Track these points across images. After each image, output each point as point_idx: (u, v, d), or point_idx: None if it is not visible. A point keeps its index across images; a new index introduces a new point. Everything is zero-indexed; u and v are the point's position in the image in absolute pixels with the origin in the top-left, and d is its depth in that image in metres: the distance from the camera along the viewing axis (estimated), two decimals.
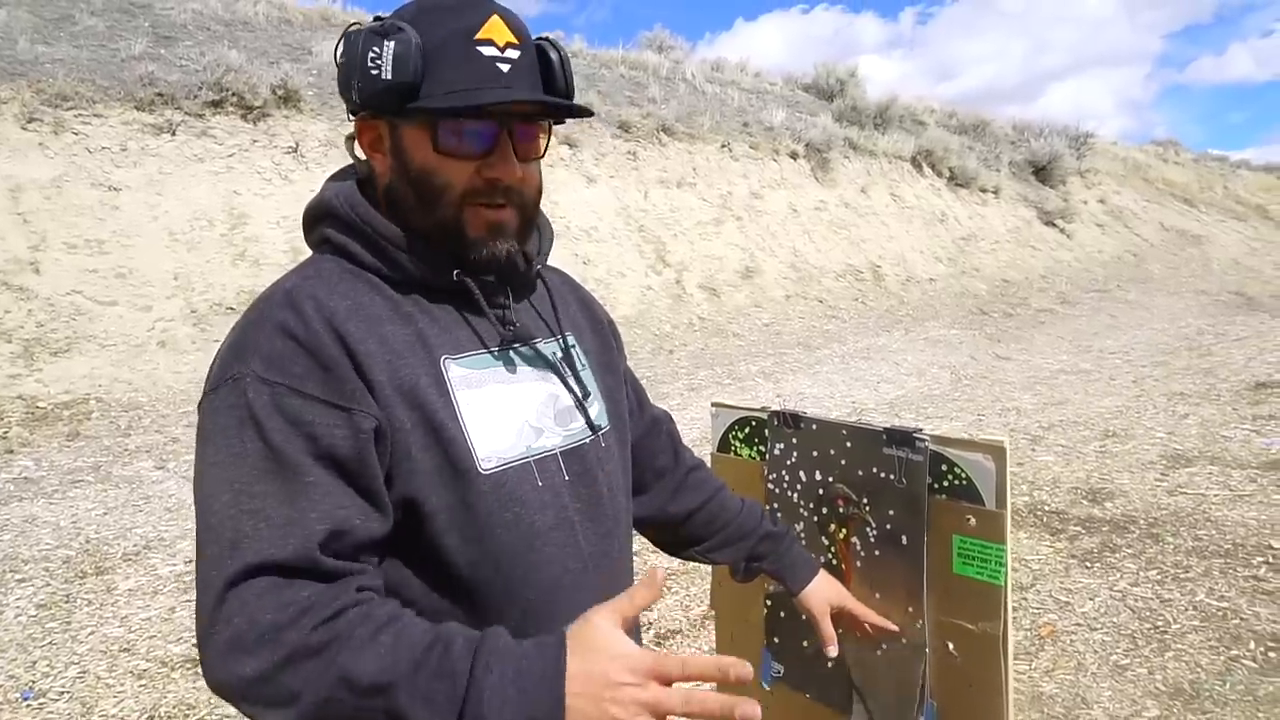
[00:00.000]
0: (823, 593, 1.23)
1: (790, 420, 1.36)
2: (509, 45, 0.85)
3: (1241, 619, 2.93)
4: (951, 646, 1.18)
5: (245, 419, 0.77)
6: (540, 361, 0.95)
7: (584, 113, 0.91)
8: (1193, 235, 17.41)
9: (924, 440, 1.18)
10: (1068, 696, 2.55)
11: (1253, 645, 2.75)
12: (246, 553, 0.72)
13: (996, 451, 1.11)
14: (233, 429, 0.77)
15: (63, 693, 2.60)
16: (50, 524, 3.82)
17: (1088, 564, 3.45)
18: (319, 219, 0.93)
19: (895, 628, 1.23)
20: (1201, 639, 2.82)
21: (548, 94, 0.90)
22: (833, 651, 1.21)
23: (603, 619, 0.71)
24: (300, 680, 0.69)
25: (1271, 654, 2.69)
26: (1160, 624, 2.94)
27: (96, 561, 3.47)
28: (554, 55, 0.90)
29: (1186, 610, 3.02)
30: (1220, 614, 2.97)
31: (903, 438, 1.21)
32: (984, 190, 14.36)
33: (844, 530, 1.30)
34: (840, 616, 1.23)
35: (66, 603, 3.13)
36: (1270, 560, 3.35)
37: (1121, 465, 4.65)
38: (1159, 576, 3.30)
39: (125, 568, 3.43)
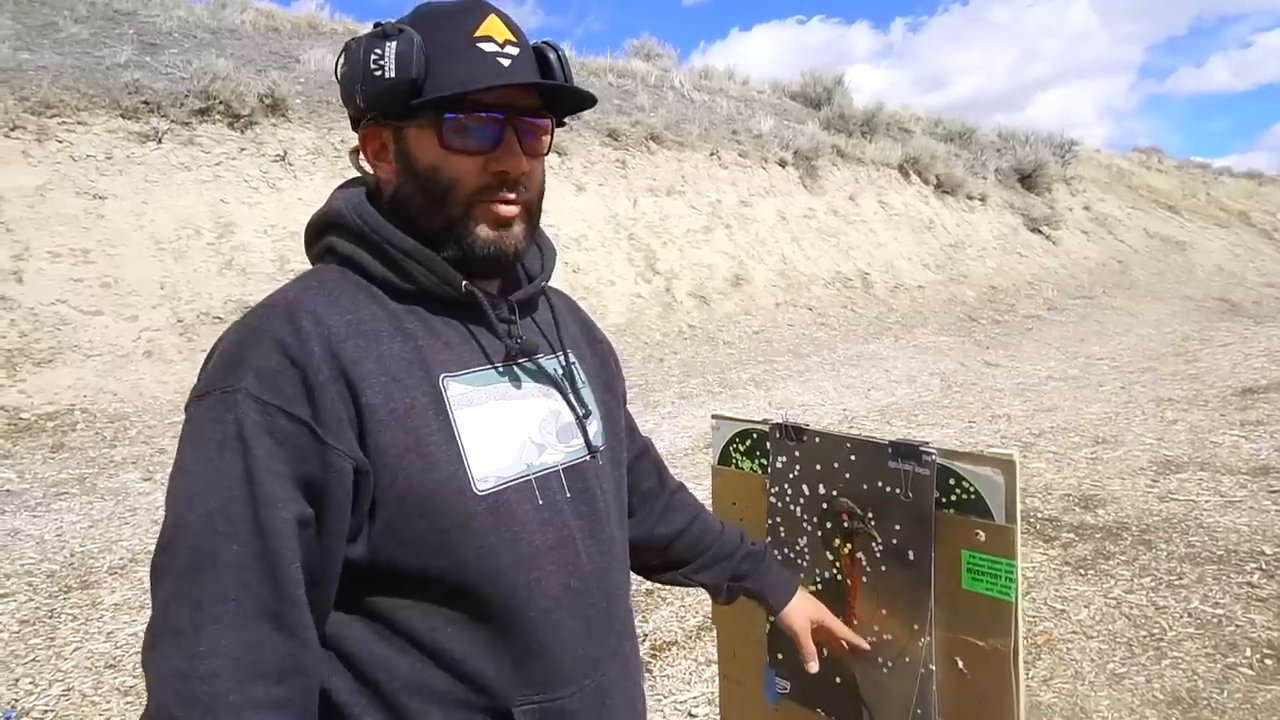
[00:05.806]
0: (802, 609, 1.23)
1: (792, 433, 1.34)
2: (508, 43, 0.87)
3: (1237, 626, 2.93)
4: (961, 664, 1.16)
5: (231, 436, 0.76)
6: (543, 377, 0.95)
7: (588, 99, 0.94)
8: (1176, 242, 17.56)
9: (931, 454, 1.17)
10: (1066, 705, 2.54)
11: (1249, 652, 2.75)
12: (218, 574, 0.74)
13: (1006, 465, 1.10)
14: (215, 443, 0.76)
15: (47, 711, 2.54)
16: (34, 537, 3.76)
17: (1082, 571, 3.45)
18: (325, 229, 0.92)
19: (868, 646, 1.24)
20: (1198, 646, 2.82)
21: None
22: (813, 668, 1.22)
23: None
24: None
25: (1268, 661, 2.69)
26: (1156, 631, 2.94)
27: (81, 575, 3.41)
28: (552, 55, 0.92)
29: (1182, 618, 3.02)
30: (1215, 621, 2.97)
31: (909, 451, 1.19)
32: (971, 197, 14.44)
33: (849, 545, 1.28)
34: (826, 633, 1.24)
35: (50, 618, 3.07)
36: (1263, 567, 3.36)
37: (1112, 472, 4.66)
38: (1153, 583, 3.30)
39: (111, 581, 3.37)
